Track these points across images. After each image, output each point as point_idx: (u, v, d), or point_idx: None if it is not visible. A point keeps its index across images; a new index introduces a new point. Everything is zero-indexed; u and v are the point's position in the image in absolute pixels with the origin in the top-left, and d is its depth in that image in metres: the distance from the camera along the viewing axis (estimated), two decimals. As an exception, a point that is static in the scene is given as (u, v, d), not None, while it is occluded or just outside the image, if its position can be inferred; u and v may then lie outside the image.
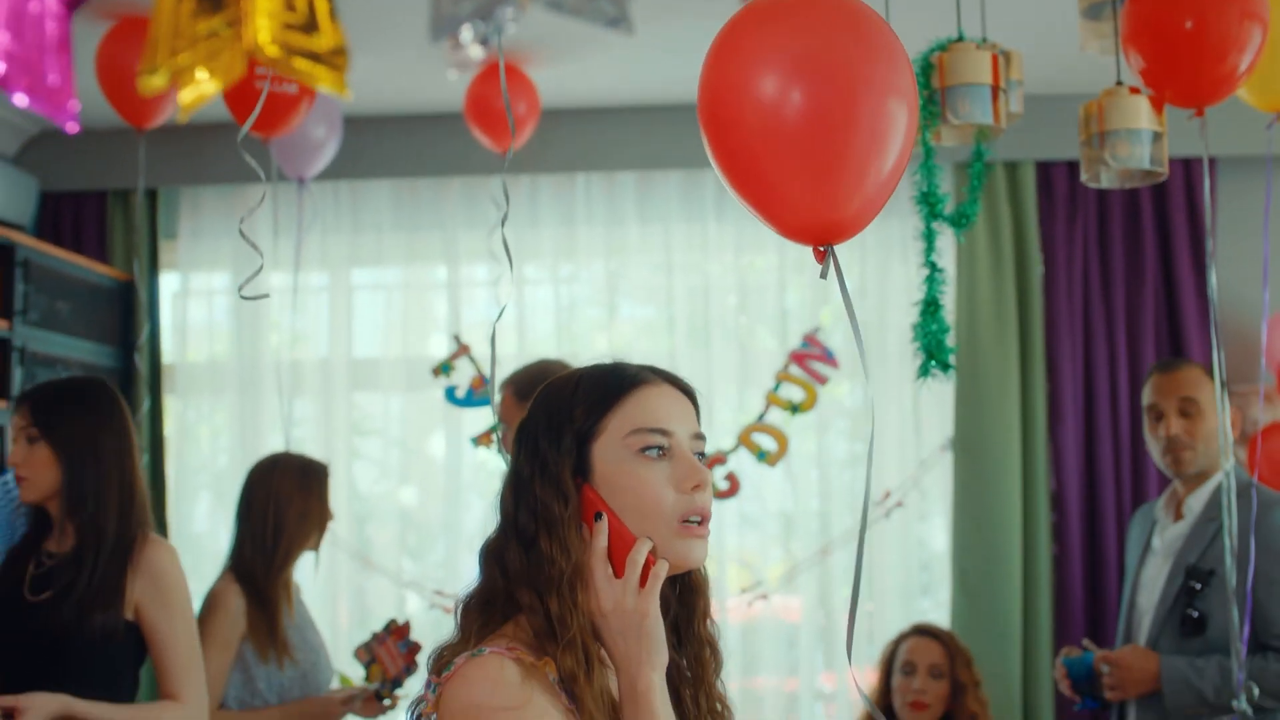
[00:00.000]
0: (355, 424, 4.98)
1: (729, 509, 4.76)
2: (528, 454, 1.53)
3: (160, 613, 2.66)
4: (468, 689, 1.42)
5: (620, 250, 4.92)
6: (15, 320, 3.92)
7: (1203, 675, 2.90)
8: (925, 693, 3.51)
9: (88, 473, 2.65)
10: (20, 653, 2.64)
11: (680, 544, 1.49)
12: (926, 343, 2.44)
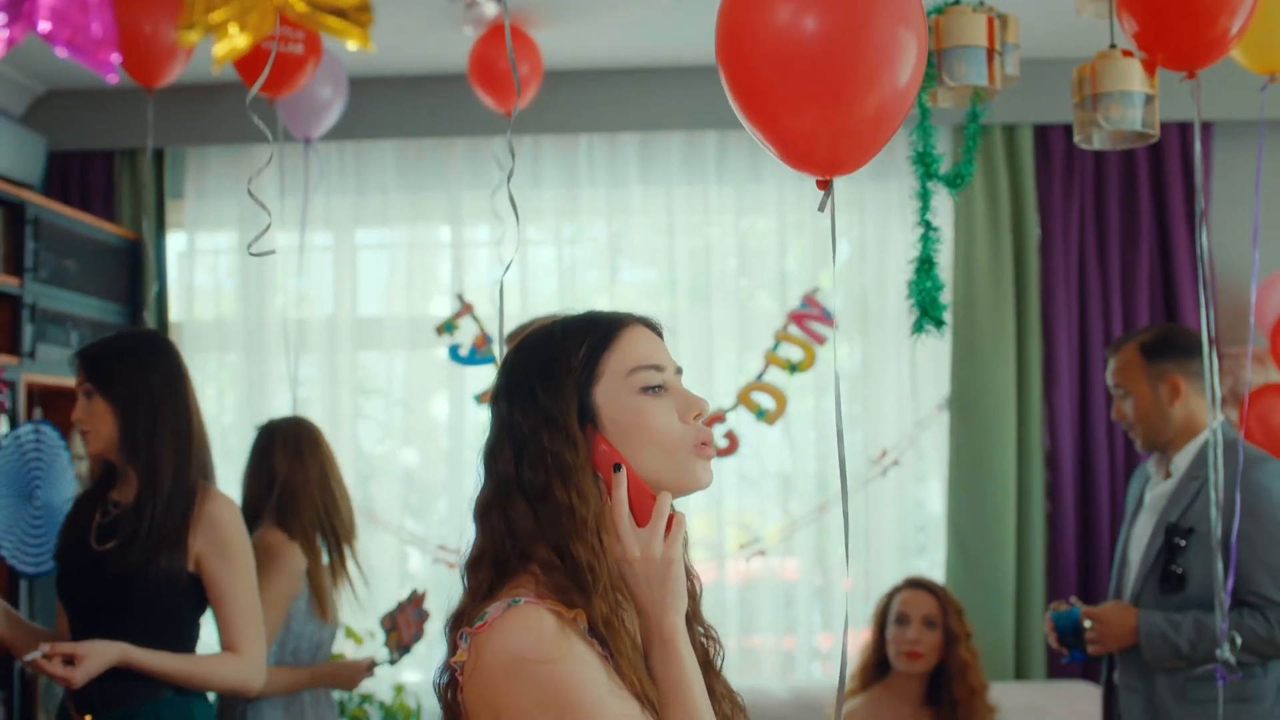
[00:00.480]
0: (359, 384, 5.04)
1: (728, 469, 4.84)
2: (524, 408, 1.54)
3: (220, 565, 2.70)
4: (507, 639, 1.43)
5: (622, 211, 4.97)
6: (25, 277, 3.98)
7: (1179, 630, 2.97)
8: (920, 642, 3.58)
9: (140, 422, 2.69)
10: (87, 600, 2.70)
11: (696, 465, 1.53)
12: (921, 300, 2.49)
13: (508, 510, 1.52)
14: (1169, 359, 3.16)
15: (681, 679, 1.47)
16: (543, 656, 1.41)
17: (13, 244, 3.98)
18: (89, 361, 2.78)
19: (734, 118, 1.82)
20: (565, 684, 1.40)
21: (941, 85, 2.56)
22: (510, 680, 1.42)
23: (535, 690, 1.41)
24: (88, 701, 2.64)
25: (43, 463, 3.51)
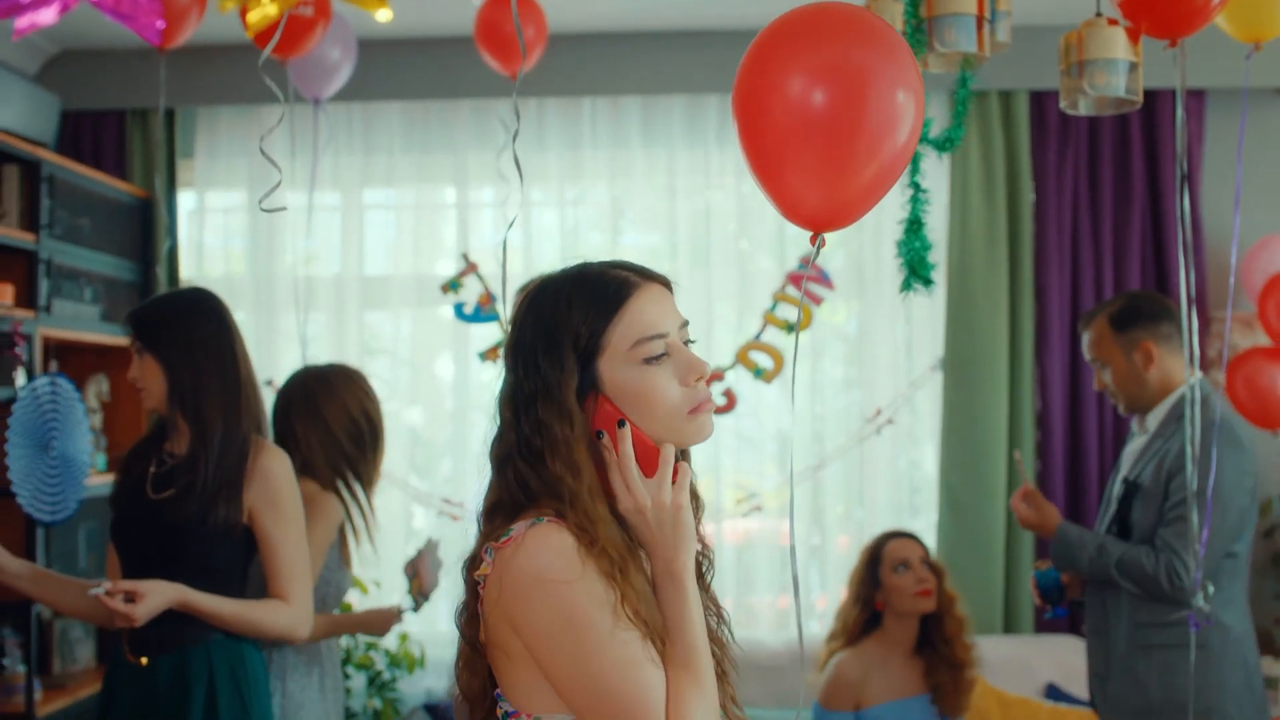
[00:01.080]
0: (365, 344, 5.13)
1: (726, 428, 4.94)
2: (527, 371, 1.62)
3: (271, 517, 2.78)
4: (532, 558, 1.52)
5: (625, 174, 5.05)
6: (41, 234, 4.07)
7: (1083, 545, 3.17)
8: (927, 580, 3.70)
9: (187, 377, 2.77)
10: (143, 546, 2.78)
11: (691, 426, 1.62)
12: (909, 259, 2.59)
13: (518, 466, 1.61)
14: (1138, 326, 3.27)
15: (686, 614, 1.56)
16: (562, 576, 1.50)
17: (29, 201, 4.07)
18: (138, 321, 2.86)
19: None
20: (580, 604, 1.50)
21: (932, 52, 2.64)
22: (530, 595, 1.52)
23: (553, 606, 1.51)
24: (142, 644, 2.73)
25: (59, 414, 3.61)
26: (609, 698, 1.50)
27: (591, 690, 1.51)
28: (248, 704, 2.79)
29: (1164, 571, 3.01)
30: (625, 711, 1.50)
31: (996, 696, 4.33)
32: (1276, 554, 4.64)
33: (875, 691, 3.68)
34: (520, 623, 1.53)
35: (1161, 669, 3.07)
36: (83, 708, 4.19)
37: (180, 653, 2.74)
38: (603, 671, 1.50)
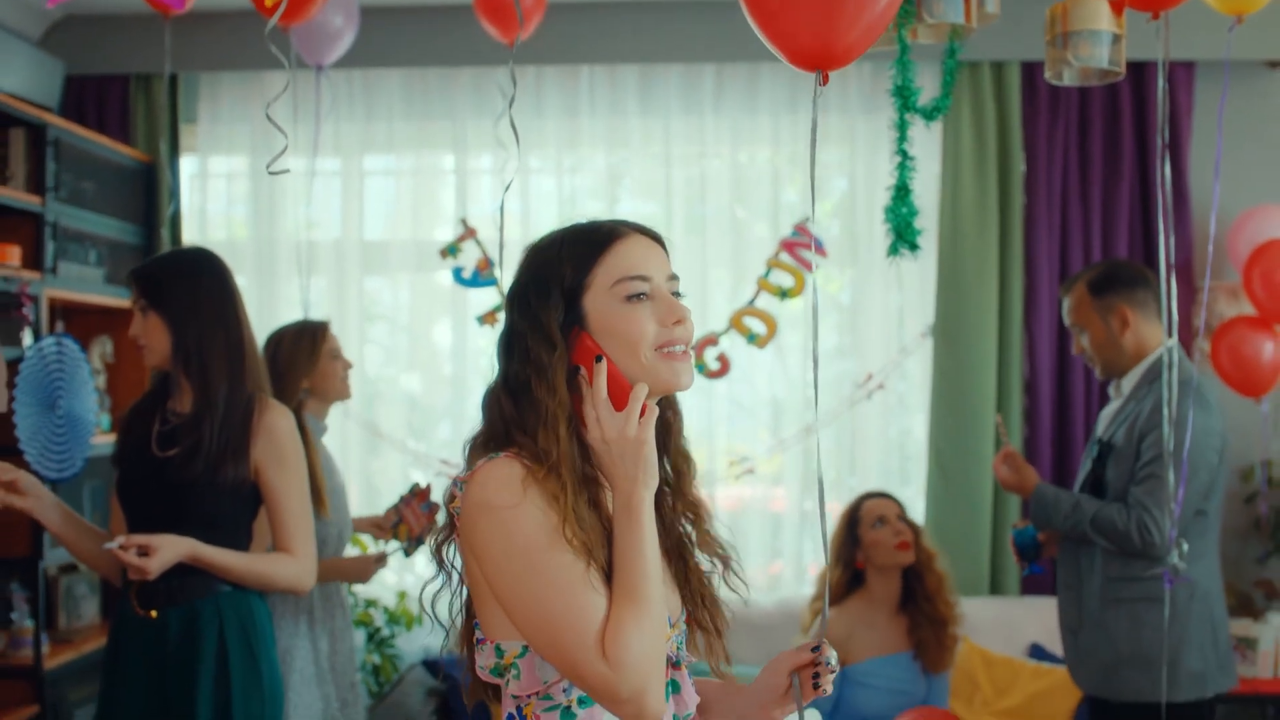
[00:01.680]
0: (365, 309, 5.20)
1: (720, 395, 5.02)
2: (520, 312, 1.73)
3: (276, 472, 2.84)
4: (480, 488, 1.64)
5: (622, 143, 5.11)
6: (47, 196, 4.14)
7: (1059, 503, 3.28)
8: (904, 534, 3.81)
9: (190, 334, 2.81)
10: (149, 503, 2.83)
11: (665, 367, 1.70)
12: (896, 224, 2.66)
13: (501, 400, 1.72)
14: (1114, 293, 3.36)
15: (638, 546, 1.63)
16: (504, 502, 1.61)
17: (34, 164, 4.13)
18: (142, 278, 2.90)
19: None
20: (519, 529, 1.61)
21: (921, 22, 2.71)
22: (479, 522, 1.64)
23: (496, 531, 1.61)
24: (151, 598, 2.79)
25: (65, 374, 3.68)
26: (545, 619, 1.59)
27: (530, 611, 1.60)
28: (256, 656, 2.86)
29: (1135, 527, 3.12)
30: (560, 632, 1.58)
31: (981, 655, 4.44)
32: (1258, 519, 4.73)
33: (860, 648, 3.78)
34: (474, 549, 1.65)
35: (1131, 622, 3.19)
36: (88, 661, 4.29)
37: (189, 606, 2.80)
38: (539, 593, 1.59)
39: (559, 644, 1.59)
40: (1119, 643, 3.20)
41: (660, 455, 1.77)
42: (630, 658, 1.57)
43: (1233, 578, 4.76)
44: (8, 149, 4.08)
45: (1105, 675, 3.24)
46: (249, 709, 2.82)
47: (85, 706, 4.28)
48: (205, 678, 2.79)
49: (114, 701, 2.88)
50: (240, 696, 2.81)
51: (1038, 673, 4.33)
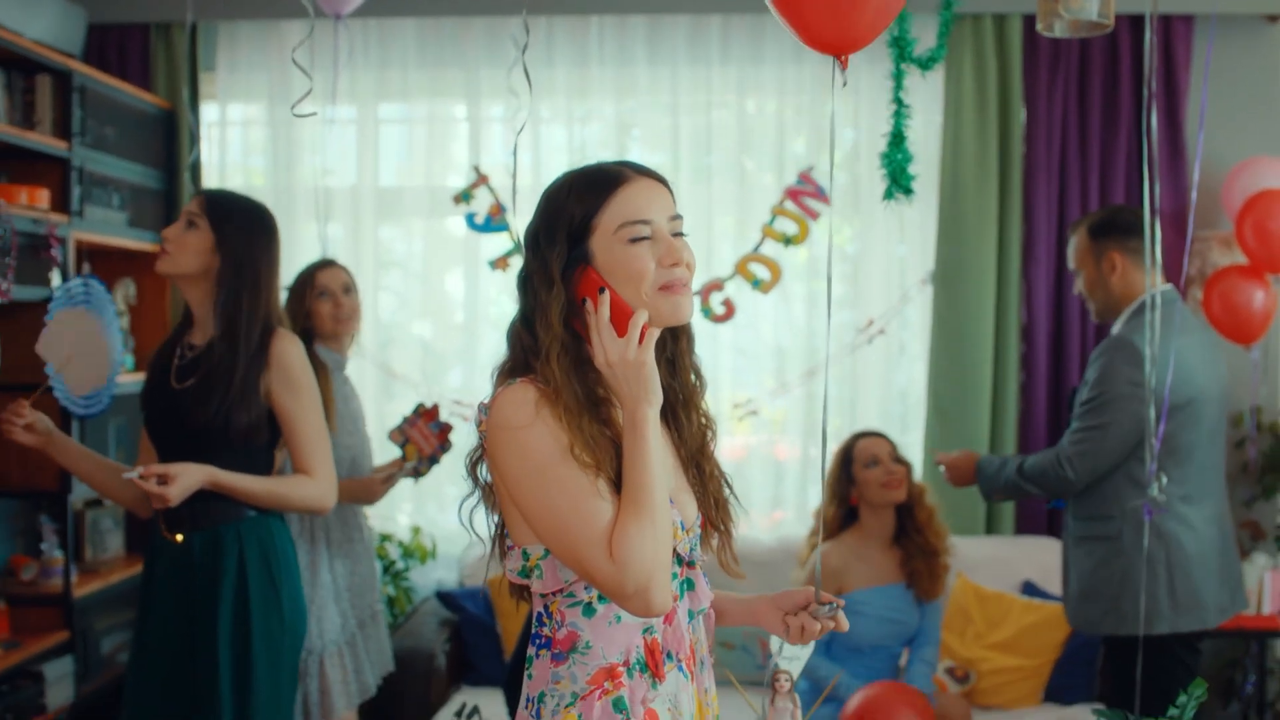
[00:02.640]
0: (379, 257, 5.32)
1: (725, 340, 5.16)
2: (532, 252, 1.89)
3: (289, 399, 2.99)
4: (499, 411, 1.81)
5: (631, 92, 5.22)
6: (74, 142, 4.26)
7: (999, 466, 3.53)
8: (895, 473, 3.96)
9: (229, 272, 2.97)
10: (173, 434, 3.00)
11: (665, 303, 1.84)
12: (891, 170, 2.78)
13: (520, 332, 1.88)
14: (1109, 238, 3.52)
15: (642, 459, 1.78)
16: (519, 423, 1.78)
17: (61, 110, 4.25)
18: (213, 200, 3.06)
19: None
20: (533, 445, 1.77)
21: (918, -26, 2.81)
22: (499, 442, 1.81)
23: (514, 448, 1.79)
24: (177, 523, 2.96)
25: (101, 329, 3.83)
26: (559, 525, 1.76)
27: (545, 519, 1.78)
28: (276, 579, 3.03)
29: (1052, 467, 3.38)
30: (571, 537, 1.76)
31: (975, 591, 4.59)
32: (1246, 464, 4.86)
33: (855, 579, 3.94)
34: (496, 465, 1.83)
35: (1093, 560, 3.38)
36: (114, 591, 4.47)
37: (212, 531, 2.97)
38: (552, 502, 1.76)
39: (571, 547, 1.76)
40: (1084, 579, 3.42)
41: (675, 374, 1.95)
42: (635, 557, 1.73)
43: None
44: (35, 95, 4.19)
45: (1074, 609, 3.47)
46: (268, 630, 2.99)
47: (112, 634, 4.47)
48: (226, 600, 2.95)
49: (147, 622, 3.05)
50: (259, 618, 2.97)
51: (1028, 608, 4.48)
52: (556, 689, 1.84)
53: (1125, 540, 3.32)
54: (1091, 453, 3.34)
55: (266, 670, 2.98)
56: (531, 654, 1.89)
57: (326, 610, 3.56)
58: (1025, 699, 4.38)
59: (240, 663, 2.96)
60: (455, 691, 4.58)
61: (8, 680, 3.85)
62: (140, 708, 3.02)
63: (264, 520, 3.05)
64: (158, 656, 3.00)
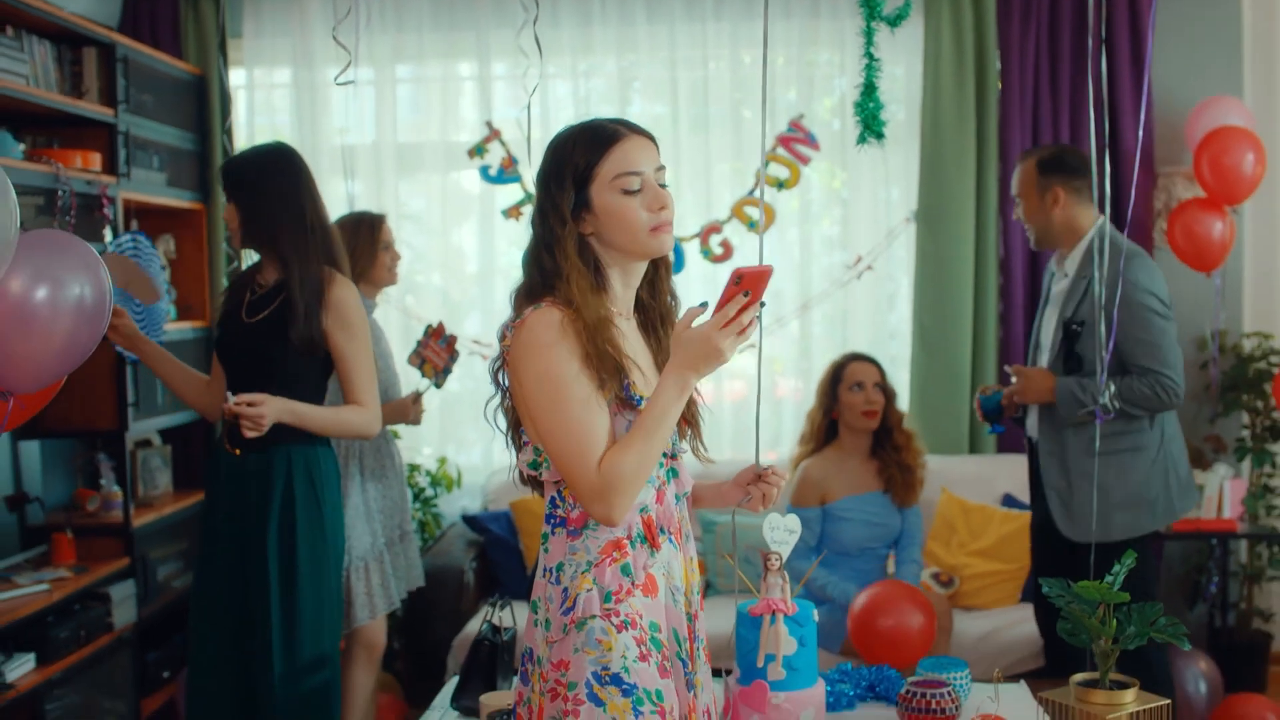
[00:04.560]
0: (399, 210, 5.64)
1: (724, 281, 5.48)
2: (544, 192, 2.22)
3: (343, 338, 3.37)
4: (528, 331, 2.10)
5: (631, 49, 5.55)
6: (119, 109, 4.62)
7: (1085, 390, 3.71)
8: (875, 403, 4.31)
9: (258, 216, 3.34)
10: (242, 362, 3.39)
11: (654, 240, 2.20)
12: (864, 117, 3.13)
13: (541, 258, 2.21)
14: (1056, 174, 3.86)
15: (669, 407, 2.08)
16: (545, 341, 2.09)
17: (106, 80, 4.61)
18: (225, 173, 3.46)
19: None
20: (553, 362, 2.08)
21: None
22: (523, 357, 2.12)
23: (536, 363, 2.10)
24: (239, 439, 3.34)
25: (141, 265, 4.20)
26: (563, 432, 2.08)
27: (552, 426, 2.09)
28: (320, 499, 3.42)
29: (1158, 389, 3.65)
30: (571, 445, 2.07)
31: (959, 504, 4.98)
32: (1209, 384, 5.23)
33: (837, 489, 4.31)
34: (518, 376, 2.14)
35: (1118, 471, 3.70)
36: (166, 522, 4.86)
37: (265, 452, 3.36)
38: (562, 413, 2.08)
39: (566, 454, 2.09)
40: (1110, 490, 3.71)
41: (655, 296, 2.32)
42: (620, 475, 2.06)
43: (1188, 435, 5.27)
44: (82, 66, 4.55)
45: (1101, 521, 3.72)
46: (312, 542, 3.39)
47: (166, 563, 4.88)
48: (274, 512, 3.35)
49: (210, 529, 3.45)
50: (304, 531, 3.37)
51: (1007, 518, 4.87)
52: (573, 559, 2.16)
53: (1152, 448, 3.71)
54: None
55: (310, 578, 3.36)
56: (547, 531, 2.21)
57: (355, 529, 3.96)
58: (1004, 600, 4.78)
59: (286, 570, 3.34)
60: (483, 604, 4.99)
61: (79, 601, 4.23)
62: (203, 610, 3.42)
63: (310, 446, 3.42)
64: (219, 562, 3.39)
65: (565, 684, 2.11)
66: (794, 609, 2.69)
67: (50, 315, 2.42)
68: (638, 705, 2.09)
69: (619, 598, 2.14)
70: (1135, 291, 3.63)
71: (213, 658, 3.39)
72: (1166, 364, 3.65)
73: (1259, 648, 5.11)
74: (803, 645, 2.68)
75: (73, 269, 2.46)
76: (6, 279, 2.36)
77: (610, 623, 2.12)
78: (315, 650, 3.37)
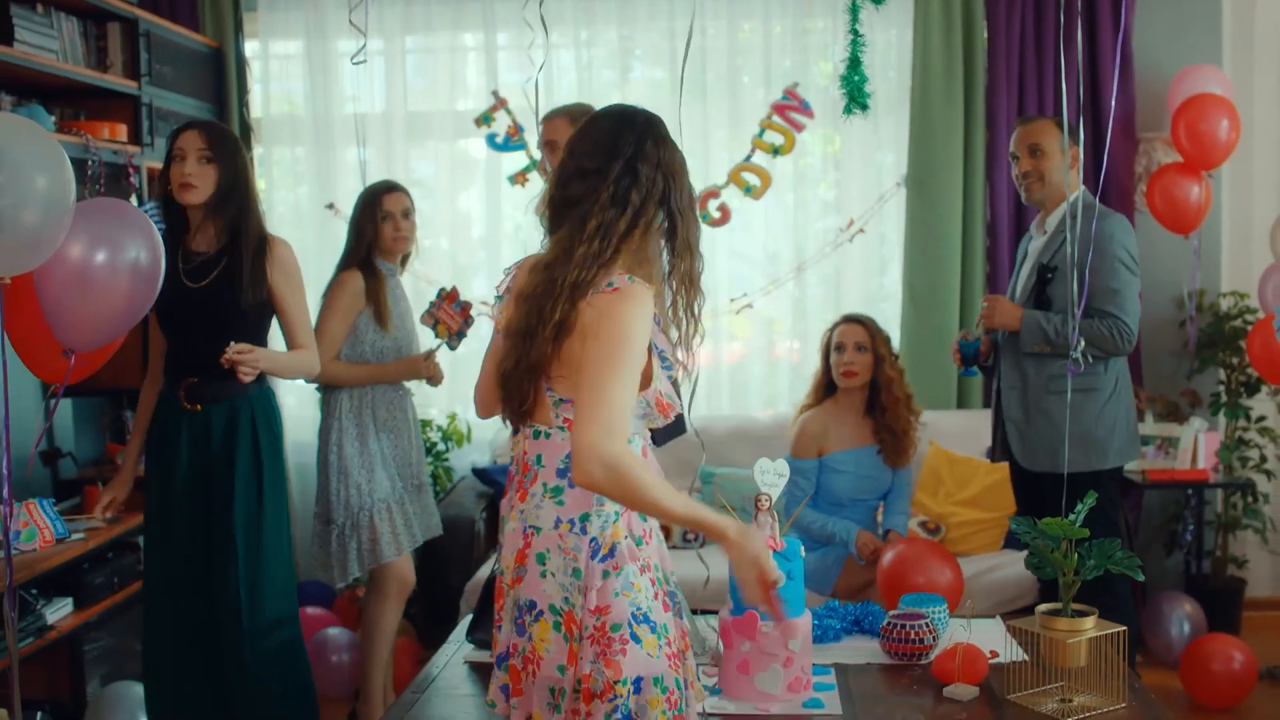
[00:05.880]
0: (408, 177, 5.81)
1: (721, 242, 5.74)
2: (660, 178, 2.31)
3: (286, 289, 3.66)
4: (627, 303, 2.19)
5: (631, 19, 5.74)
6: (142, 81, 4.84)
7: (1049, 320, 3.97)
8: (854, 364, 4.49)
9: (235, 185, 3.58)
10: (192, 323, 3.60)
11: None
12: (849, 89, 3.35)
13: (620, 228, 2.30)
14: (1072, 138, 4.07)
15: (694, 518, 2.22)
16: (643, 315, 2.20)
17: (129, 54, 4.82)
18: (215, 134, 3.63)
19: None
20: (634, 338, 2.18)
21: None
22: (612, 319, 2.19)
23: (618, 333, 2.18)
24: (199, 397, 3.61)
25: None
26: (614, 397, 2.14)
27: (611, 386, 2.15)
28: (276, 438, 3.73)
29: (1115, 334, 3.89)
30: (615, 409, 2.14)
31: (946, 456, 5.23)
32: (1186, 341, 5.46)
33: (833, 443, 4.53)
34: (598, 333, 2.20)
35: (1071, 409, 3.91)
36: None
37: (229, 402, 3.62)
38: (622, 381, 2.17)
39: (595, 408, 2.14)
40: (1060, 425, 3.90)
41: None
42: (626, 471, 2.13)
43: (1166, 389, 5.53)
44: (107, 41, 4.76)
45: (1051, 453, 3.95)
46: (275, 484, 3.70)
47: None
48: (241, 462, 3.62)
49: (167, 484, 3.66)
50: (269, 474, 3.68)
51: (991, 469, 5.10)
52: (601, 510, 2.27)
53: (1107, 389, 3.96)
54: None
55: (274, 517, 3.67)
56: (561, 485, 2.29)
57: (375, 473, 4.22)
58: (987, 546, 5.04)
59: (251, 514, 3.63)
60: (494, 552, 5.24)
61: (111, 549, 4.48)
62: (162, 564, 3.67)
63: (268, 394, 3.74)
64: (178, 527, 3.64)
65: (607, 626, 2.23)
66: (783, 545, 2.93)
67: (109, 278, 2.65)
68: (660, 639, 2.28)
69: (645, 542, 2.34)
70: (1110, 243, 3.88)
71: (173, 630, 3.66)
72: (1125, 311, 3.91)
73: (1234, 592, 5.37)
74: (791, 579, 2.92)
75: (129, 234, 2.69)
76: (67, 245, 2.59)
77: (637, 566, 2.29)
78: (281, 606, 3.69)
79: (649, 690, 2.24)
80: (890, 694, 3.03)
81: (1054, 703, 2.86)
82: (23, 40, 4.16)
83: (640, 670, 2.23)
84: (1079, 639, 2.83)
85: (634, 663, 2.23)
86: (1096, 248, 3.76)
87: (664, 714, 2.24)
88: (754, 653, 2.91)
